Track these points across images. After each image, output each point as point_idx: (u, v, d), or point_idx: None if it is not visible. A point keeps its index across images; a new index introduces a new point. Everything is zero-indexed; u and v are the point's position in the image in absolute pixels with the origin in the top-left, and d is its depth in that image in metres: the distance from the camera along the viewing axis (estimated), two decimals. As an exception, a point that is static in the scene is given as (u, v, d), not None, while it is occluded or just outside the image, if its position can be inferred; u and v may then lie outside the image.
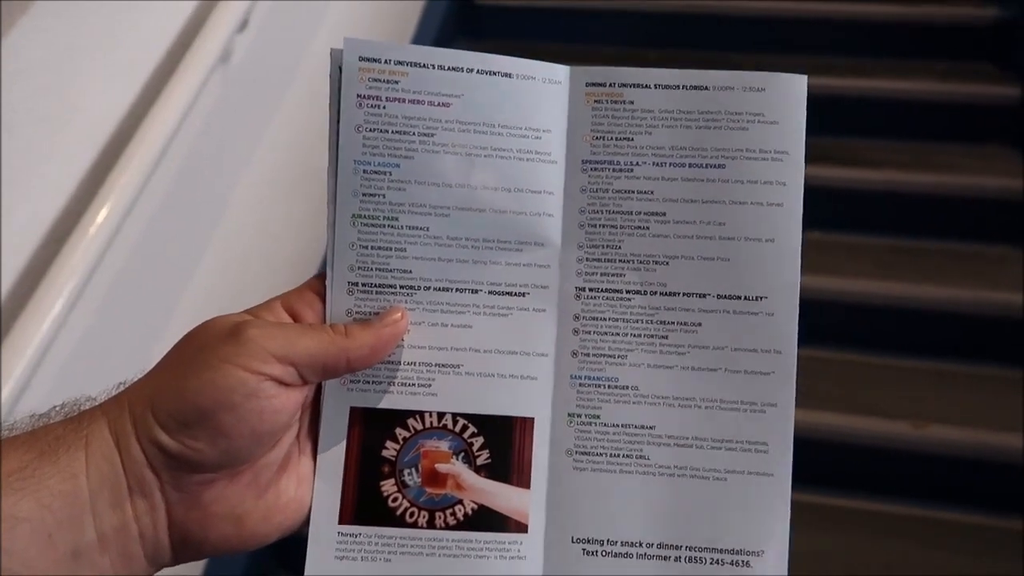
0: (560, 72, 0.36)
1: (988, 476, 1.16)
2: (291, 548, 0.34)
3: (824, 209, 0.35)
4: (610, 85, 0.35)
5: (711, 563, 0.34)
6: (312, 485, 0.33)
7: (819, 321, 0.67)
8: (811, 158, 0.35)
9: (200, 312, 0.31)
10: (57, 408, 0.32)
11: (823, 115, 0.34)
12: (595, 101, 0.36)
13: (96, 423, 0.29)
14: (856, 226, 1.38)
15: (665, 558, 0.34)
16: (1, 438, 0.29)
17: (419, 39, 1.62)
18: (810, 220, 0.35)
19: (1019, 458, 1.12)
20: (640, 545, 0.34)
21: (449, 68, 0.34)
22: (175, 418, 0.29)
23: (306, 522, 0.33)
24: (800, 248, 0.34)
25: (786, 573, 0.34)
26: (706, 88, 0.35)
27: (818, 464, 0.71)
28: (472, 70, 0.34)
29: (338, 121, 0.34)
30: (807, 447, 0.38)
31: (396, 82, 0.34)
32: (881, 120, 1.50)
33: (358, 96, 0.34)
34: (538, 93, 0.35)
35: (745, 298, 0.34)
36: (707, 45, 1.63)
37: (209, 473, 0.30)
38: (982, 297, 1.28)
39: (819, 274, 1.25)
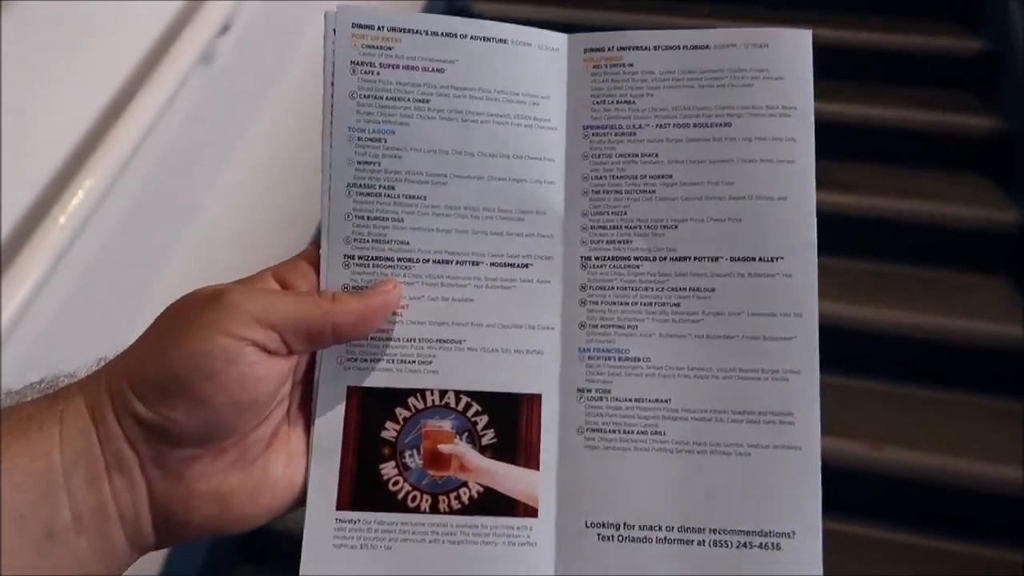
0: (557, 39, 0.35)
1: (952, 501, 1.15)
2: (254, 541, 0.32)
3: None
4: (609, 49, 0.35)
5: (738, 546, 0.31)
6: (303, 464, 0.31)
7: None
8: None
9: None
10: (34, 384, 0.30)
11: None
12: (594, 67, 0.35)
13: (72, 399, 0.28)
14: (828, 248, 1.36)
15: (687, 542, 0.31)
16: None
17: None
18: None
19: (987, 485, 1.12)
20: (660, 529, 0.31)
21: (443, 34, 0.34)
22: (152, 387, 0.27)
23: (295, 504, 0.31)
24: (815, 206, 0.33)
25: (820, 555, 0.31)
26: (707, 47, 0.34)
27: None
28: (467, 36, 0.34)
29: (332, 85, 0.33)
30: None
31: (390, 48, 0.33)
32: (859, 145, 1.49)
33: (352, 63, 0.33)
34: (535, 59, 0.34)
35: (760, 259, 0.33)
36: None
37: (190, 448, 0.28)
38: (949, 324, 1.28)
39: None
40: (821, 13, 1.64)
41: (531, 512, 0.31)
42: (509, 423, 0.32)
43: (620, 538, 0.31)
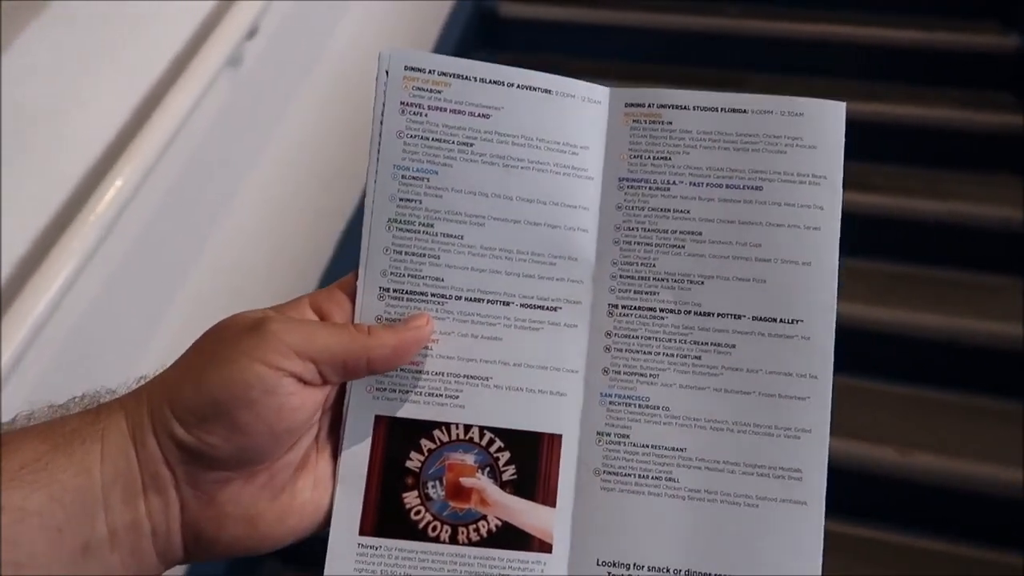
0: (600, 92, 0.36)
1: (978, 508, 1.14)
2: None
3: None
4: (649, 106, 0.36)
5: None
6: (329, 488, 0.32)
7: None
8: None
9: (194, 313, 0.31)
10: (76, 399, 0.31)
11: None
12: (633, 121, 0.36)
13: (114, 416, 0.29)
14: (857, 250, 1.35)
15: None
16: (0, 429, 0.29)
17: (439, 50, 1.59)
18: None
19: (1012, 491, 1.10)
20: (667, 571, 0.33)
21: (491, 81, 0.35)
22: (192, 412, 0.28)
23: (320, 527, 0.32)
24: (837, 272, 0.34)
25: None
26: (744, 111, 0.35)
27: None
28: (513, 84, 0.35)
29: (381, 124, 0.34)
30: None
31: (439, 92, 0.34)
32: (892, 145, 1.47)
33: (401, 103, 0.34)
34: (577, 111, 0.35)
35: (781, 320, 0.34)
36: (727, 64, 1.62)
37: (225, 471, 0.29)
38: (980, 327, 1.26)
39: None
40: (856, 12, 1.64)
41: (546, 548, 0.33)
42: (529, 461, 0.33)
43: None
